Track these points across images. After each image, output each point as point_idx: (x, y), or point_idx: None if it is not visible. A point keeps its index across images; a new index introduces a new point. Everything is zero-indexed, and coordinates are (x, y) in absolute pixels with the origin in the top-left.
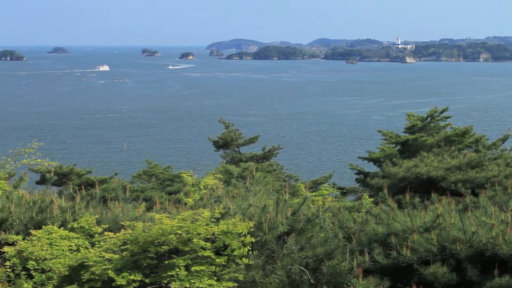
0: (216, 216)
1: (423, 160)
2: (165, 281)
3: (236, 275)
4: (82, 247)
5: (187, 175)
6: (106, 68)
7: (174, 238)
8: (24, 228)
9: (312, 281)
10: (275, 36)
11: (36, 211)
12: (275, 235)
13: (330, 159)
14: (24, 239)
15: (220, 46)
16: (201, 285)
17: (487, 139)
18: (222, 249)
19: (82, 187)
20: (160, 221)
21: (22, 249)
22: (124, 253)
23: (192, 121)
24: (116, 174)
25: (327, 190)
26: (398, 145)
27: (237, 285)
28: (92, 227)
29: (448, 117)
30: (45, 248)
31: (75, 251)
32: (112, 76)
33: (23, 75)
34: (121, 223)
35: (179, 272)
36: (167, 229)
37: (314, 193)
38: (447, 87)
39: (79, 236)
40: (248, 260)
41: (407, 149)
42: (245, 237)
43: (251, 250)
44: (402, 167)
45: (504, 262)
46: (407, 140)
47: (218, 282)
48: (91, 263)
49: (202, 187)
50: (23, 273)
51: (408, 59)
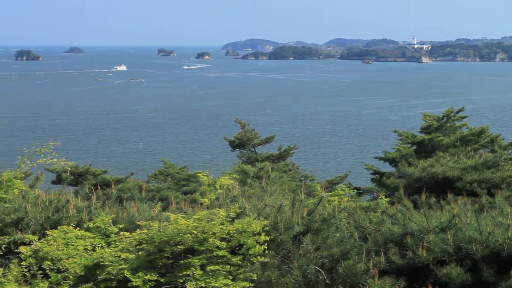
0: (232, 215)
1: (439, 160)
2: (181, 280)
3: (251, 274)
4: (98, 246)
5: (203, 175)
6: (124, 68)
7: (190, 238)
8: (40, 228)
9: (327, 281)
10: (291, 36)
11: (52, 210)
12: (291, 235)
13: (345, 159)
14: (40, 239)
15: (235, 46)
16: (216, 285)
17: (503, 139)
18: (237, 248)
19: (98, 186)
20: (176, 221)
21: (38, 249)
22: (140, 252)
23: (208, 121)
24: (132, 174)
25: (343, 190)
26: (414, 145)
27: (253, 285)
28: (108, 227)
29: (464, 117)
30: (61, 248)
31: (90, 250)
32: (128, 76)
33: (40, 75)
34: (137, 222)
35: (194, 272)
36: (183, 229)
37: (330, 193)
38: (463, 87)
39: (95, 236)
40: (263, 259)
41: (423, 149)
42: (260, 235)
43: (267, 250)
44: (418, 167)
45: None
46: (423, 140)
47: (233, 282)
48: (107, 262)
49: (218, 187)
50: (39, 273)
51: (424, 59)
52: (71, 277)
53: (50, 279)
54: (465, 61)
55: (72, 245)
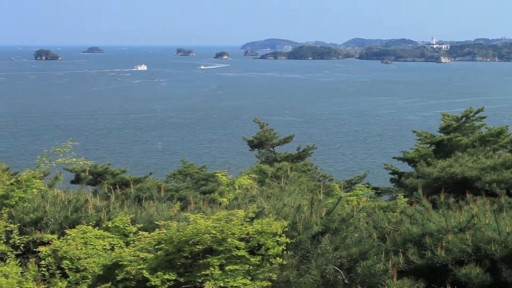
0: (250, 215)
1: (458, 160)
2: (199, 280)
3: (270, 274)
4: (116, 246)
5: (221, 174)
6: (144, 67)
7: (209, 238)
8: (59, 227)
9: (346, 281)
10: (309, 36)
11: (71, 210)
12: (309, 235)
13: (364, 159)
14: (59, 238)
15: (254, 46)
16: (235, 284)
17: None
18: (256, 248)
19: (117, 186)
20: (195, 220)
21: (57, 248)
22: (158, 252)
23: (226, 120)
24: (150, 174)
25: (361, 190)
26: (433, 145)
27: (271, 284)
28: (126, 226)
29: (483, 117)
30: (79, 248)
31: (109, 250)
32: (147, 76)
33: (58, 74)
34: (156, 222)
35: (213, 272)
36: (202, 228)
37: (348, 193)
38: (482, 87)
39: (113, 235)
40: (282, 260)
41: (442, 149)
42: (280, 236)
43: (286, 250)
44: (436, 167)
45: None
46: (441, 140)
47: (252, 282)
48: (125, 262)
49: (236, 187)
50: (58, 272)
51: (443, 59)
52: (90, 277)
53: (68, 279)
54: (484, 61)
55: (91, 244)
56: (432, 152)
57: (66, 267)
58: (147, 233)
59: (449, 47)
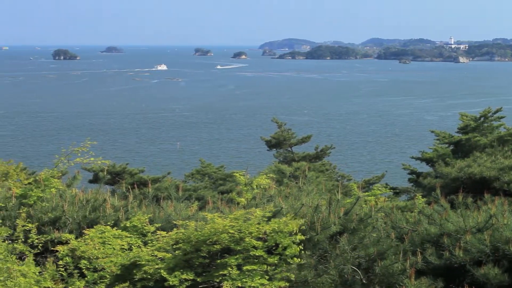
0: (268, 215)
1: (476, 160)
2: (217, 280)
3: (288, 274)
4: (134, 246)
5: (239, 174)
6: (164, 67)
7: (226, 237)
8: (77, 227)
9: (364, 281)
10: (327, 36)
11: (89, 210)
12: (327, 235)
13: (382, 159)
14: (77, 238)
15: (272, 46)
16: (253, 284)
17: None
18: (273, 248)
19: (135, 186)
20: (213, 220)
21: (75, 248)
22: (176, 252)
23: (244, 120)
24: (169, 173)
25: (379, 190)
26: (451, 145)
27: (289, 284)
28: (145, 226)
29: (502, 117)
30: (97, 247)
31: (127, 250)
32: (166, 76)
33: (77, 74)
34: (174, 222)
35: (231, 271)
36: (220, 228)
37: (366, 193)
38: (500, 87)
39: (131, 235)
40: (300, 260)
41: (460, 149)
42: (296, 235)
43: (304, 250)
44: (455, 167)
45: None
46: (460, 140)
47: (270, 282)
48: (143, 262)
49: (254, 187)
50: (76, 272)
51: (461, 59)
52: (108, 276)
53: (86, 278)
54: (502, 61)
55: (109, 244)
56: (451, 152)
57: (84, 267)
58: (165, 232)
59: (467, 47)
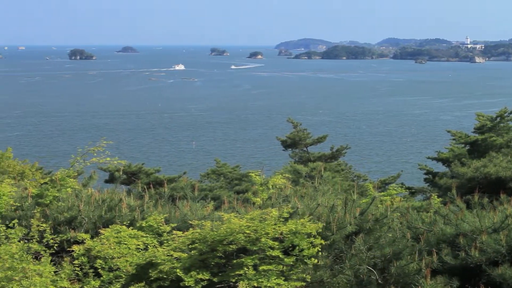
0: (285, 215)
1: (492, 160)
2: (233, 280)
3: (303, 275)
4: (150, 246)
5: (255, 174)
6: (182, 67)
7: (242, 238)
8: (93, 227)
9: (380, 281)
10: (343, 36)
11: (105, 209)
12: (343, 235)
13: (398, 159)
14: (92, 237)
15: (288, 46)
16: (269, 284)
17: None
18: (290, 249)
19: (151, 185)
20: (229, 220)
21: (91, 248)
22: (192, 252)
23: (260, 120)
24: (184, 173)
25: (395, 190)
26: (467, 145)
27: (305, 284)
28: (160, 226)
29: None
30: (113, 247)
31: (143, 250)
32: (183, 75)
33: (93, 74)
34: (190, 222)
35: (247, 271)
36: (236, 228)
37: (382, 193)
38: None
39: (147, 235)
40: (316, 261)
41: (476, 149)
42: (315, 238)
43: (320, 250)
44: (470, 167)
45: None
46: (476, 140)
47: (286, 282)
48: (159, 261)
49: (270, 187)
50: (91, 271)
51: (477, 59)
52: (123, 276)
53: (102, 278)
54: None
55: (125, 244)
56: (467, 152)
57: (100, 267)
58: (181, 232)
59: (483, 47)
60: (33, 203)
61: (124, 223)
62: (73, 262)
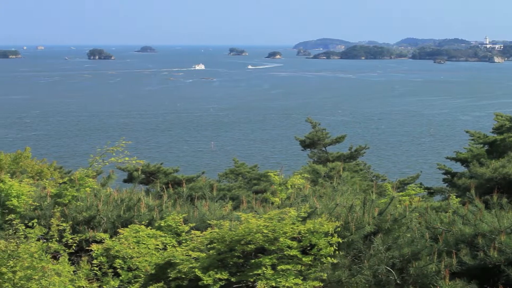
0: (303, 215)
1: (511, 160)
2: (251, 280)
3: (321, 274)
4: (169, 245)
5: (274, 174)
6: (202, 67)
7: (261, 237)
8: (111, 226)
9: (398, 282)
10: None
11: (123, 209)
12: (361, 235)
13: (417, 159)
14: (111, 237)
15: (307, 46)
16: (287, 284)
17: None
18: (308, 248)
19: (170, 185)
20: (247, 220)
21: (109, 247)
22: (210, 251)
23: (278, 120)
24: (203, 173)
25: (414, 190)
26: (486, 146)
27: (323, 284)
28: (179, 225)
29: None
30: (132, 247)
31: (161, 249)
32: (201, 75)
33: (111, 74)
34: (208, 221)
35: (265, 271)
36: (254, 228)
37: (401, 193)
38: None
39: (166, 234)
40: (334, 260)
41: (495, 149)
42: (332, 236)
43: (338, 249)
44: (489, 167)
45: None
46: (495, 140)
47: (304, 282)
48: (178, 261)
49: (289, 186)
50: (110, 271)
51: (496, 59)
52: (142, 276)
53: (121, 277)
54: None
55: (144, 243)
56: (485, 152)
57: (119, 266)
58: (199, 232)
59: (502, 47)
60: (52, 202)
61: (143, 222)
62: (92, 262)
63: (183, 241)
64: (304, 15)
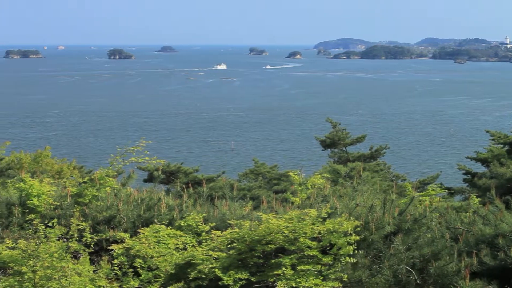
0: (323, 215)
1: None
2: (271, 280)
3: (341, 274)
4: (189, 245)
5: (294, 174)
6: (224, 66)
7: (281, 237)
8: (132, 226)
9: (418, 282)
10: (383, 35)
11: (143, 209)
12: (381, 235)
13: (437, 159)
14: (131, 236)
15: (327, 46)
16: (307, 285)
17: None
18: (328, 248)
19: (190, 185)
20: (267, 220)
21: (130, 247)
22: (231, 251)
23: (299, 120)
24: (223, 173)
25: (434, 190)
26: (506, 146)
27: (342, 285)
28: (199, 225)
29: None
30: (152, 246)
31: (182, 249)
32: (221, 75)
33: (132, 74)
34: (228, 221)
35: (285, 271)
36: (274, 228)
37: (421, 193)
38: None
39: (186, 234)
40: (354, 260)
41: None
42: (351, 235)
43: (358, 249)
44: (510, 167)
45: None
46: None
47: (323, 282)
48: (198, 261)
49: (309, 186)
50: (130, 270)
51: None
52: (162, 276)
53: (141, 277)
54: None
55: (164, 243)
56: (506, 153)
57: (139, 266)
58: (219, 232)
59: None
60: (72, 202)
61: (163, 222)
62: (112, 261)
63: (203, 241)
64: (325, 15)
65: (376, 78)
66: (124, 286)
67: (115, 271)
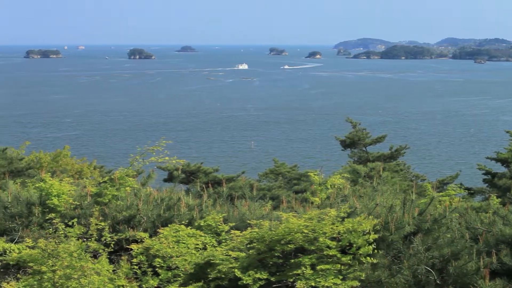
0: (343, 215)
1: None
2: (291, 279)
3: (361, 274)
4: (209, 245)
5: (314, 174)
6: (245, 66)
7: (300, 237)
8: (151, 226)
9: (438, 282)
10: (402, 35)
11: (163, 208)
12: (401, 235)
13: (457, 159)
14: (151, 236)
15: (347, 46)
16: (326, 284)
17: None
18: (347, 247)
19: (209, 185)
20: (287, 220)
21: (149, 246)
22: (250, 251)
23: (318, 120)
24: (243, 173)
25: (454, 190)
26: None
27: (362, 284)
28: (219, 225)
29: None
30: (171, 246)
31: (201, 249)
32: (241, 75)
33: (152, 73)
34: (248, 221)
35: (305, 271)
36: (294, 228)
37: (441, 193)
38: None
39: (206, 234)
40: (372, 260)
41: None
42: (370, 234)
43: (377, 249)
44: None
45: None
46: None
47: (343, 281)
48: (217, 261)
49: (329, 186)
50: (149, 270)
51: None
52: (182, 275)
53: (160, 277)
54: None
55: (183, 243)
56: None
57: (158, 265)
58: (239, 232)
59: None
60: (92, 201)
61: (183, 222)
62: (132, 261)
63: (223, 240)
64: (345, 15)
65: (396, 78)
66: (144, 286)
67: (135, 270)
